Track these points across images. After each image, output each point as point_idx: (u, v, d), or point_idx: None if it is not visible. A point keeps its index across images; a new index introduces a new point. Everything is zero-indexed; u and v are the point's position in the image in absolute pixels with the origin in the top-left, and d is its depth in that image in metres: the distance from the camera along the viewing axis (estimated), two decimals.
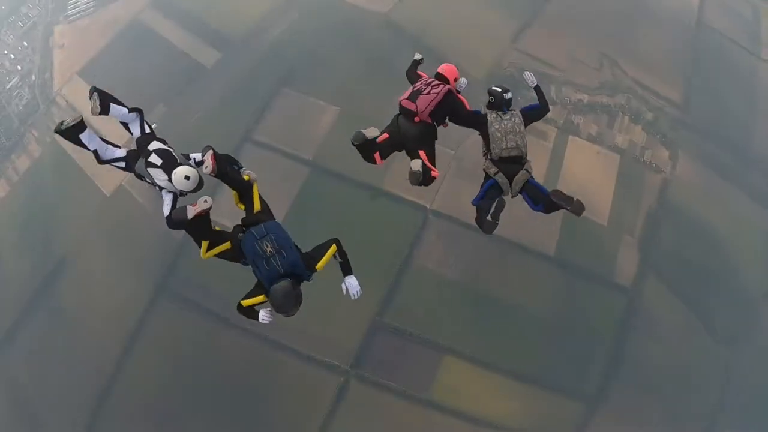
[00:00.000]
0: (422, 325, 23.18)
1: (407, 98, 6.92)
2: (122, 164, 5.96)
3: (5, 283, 24.43)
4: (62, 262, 24.08)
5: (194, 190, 5.59)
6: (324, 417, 22.11)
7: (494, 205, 6.52)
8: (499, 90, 6.47)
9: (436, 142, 7.65)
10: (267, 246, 5.03)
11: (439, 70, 7.38)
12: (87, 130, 5.43)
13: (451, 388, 21.25)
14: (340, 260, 5.85)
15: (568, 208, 6.55)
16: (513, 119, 6.40)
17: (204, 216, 5.29)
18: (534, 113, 6.85)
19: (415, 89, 6.94)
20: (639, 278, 22.90)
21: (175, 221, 5.23)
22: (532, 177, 6.29)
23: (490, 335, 23.42)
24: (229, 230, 5.65)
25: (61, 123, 5.45)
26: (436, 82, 7.01)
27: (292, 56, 27.05)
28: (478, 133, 8.05)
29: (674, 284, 22.41)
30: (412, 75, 8.08)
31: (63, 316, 23.62)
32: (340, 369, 23.43)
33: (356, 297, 5.60)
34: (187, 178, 5.43)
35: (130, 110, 5.84)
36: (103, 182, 26.01)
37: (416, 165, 6.52)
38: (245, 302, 5.52)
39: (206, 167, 5.51)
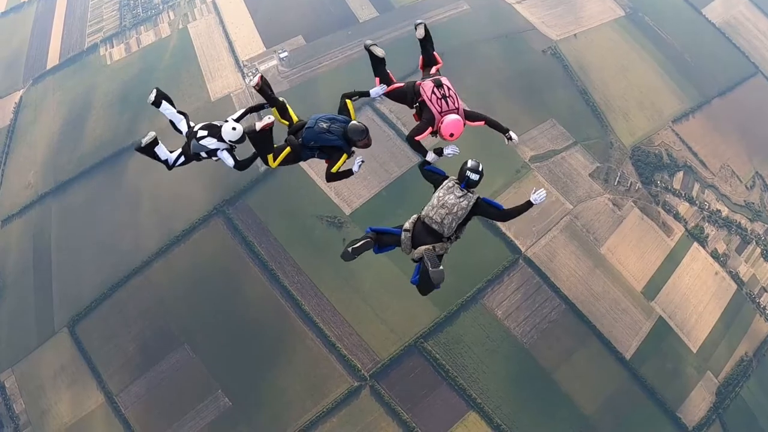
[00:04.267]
0: (462, 368, 21.17)
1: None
2: (182, 158, 7.22)
3: (81, 139, 24.13)
4: (141, 142, 23.85)
5: (240, 140, 6.83)
6: (320, 411, 20.35)
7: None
8: (472, 166, 6.30)
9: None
10: (323, 125, 6.55)
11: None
12: (159, 144, 6.99)
13: None
14: None
15: (429, 272, 6.17)
16: (460, 201, 6.21)
17: (267, 131, 6.53)
18: (490, 211, 6.43)
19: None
20: (704, 423, 20.52)
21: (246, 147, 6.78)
22: (431, 253, 6.34)
23: (525, 410, 21.11)
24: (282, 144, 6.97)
25: (139, 142, 7.02)
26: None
27: (445, 42, 25.84)
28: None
29: None
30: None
31: (119, 191, 22.99)
32: (359, 373, 21.74)
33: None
34: (234, 129, 6.75)
35: (178, 111, 7.15)
36: (214, 87, 25.51)
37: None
38: (334, 169, 6.76)
39: (252, 82, 6.94)
